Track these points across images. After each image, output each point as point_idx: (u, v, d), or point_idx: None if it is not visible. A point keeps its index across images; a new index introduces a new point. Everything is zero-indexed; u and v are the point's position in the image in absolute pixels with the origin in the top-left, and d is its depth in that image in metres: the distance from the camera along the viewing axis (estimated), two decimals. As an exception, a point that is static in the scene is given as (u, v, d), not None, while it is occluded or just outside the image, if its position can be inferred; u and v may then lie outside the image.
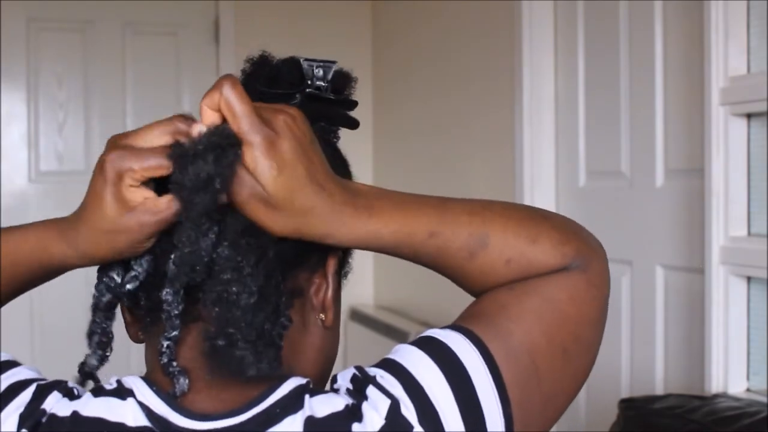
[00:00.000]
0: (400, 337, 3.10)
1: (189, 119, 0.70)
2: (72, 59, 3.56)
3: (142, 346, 0.79)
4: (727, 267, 1.87)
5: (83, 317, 0.76)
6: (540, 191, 2.59)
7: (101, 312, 0.73)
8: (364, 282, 3.70)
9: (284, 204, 0.68)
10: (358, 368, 0.72)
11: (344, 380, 0.71)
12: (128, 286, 0.72)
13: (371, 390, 0.69)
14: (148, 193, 0.68)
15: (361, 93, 0.80)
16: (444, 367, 0.70)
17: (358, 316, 3.57)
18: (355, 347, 3.53)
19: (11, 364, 0.73)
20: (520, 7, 2.57)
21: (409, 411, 0.67)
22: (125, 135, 0.70)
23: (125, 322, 0.77)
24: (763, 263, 1.77)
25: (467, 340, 0.71)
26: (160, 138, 0.68)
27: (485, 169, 2.85)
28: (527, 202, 2.57)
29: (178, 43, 3.65)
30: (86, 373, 0.75)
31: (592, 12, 2.44)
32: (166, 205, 0.68)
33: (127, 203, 0.68)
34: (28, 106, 3.53)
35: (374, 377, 0.70)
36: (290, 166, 0.68)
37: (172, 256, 0.69)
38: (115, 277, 0.73)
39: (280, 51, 0.80)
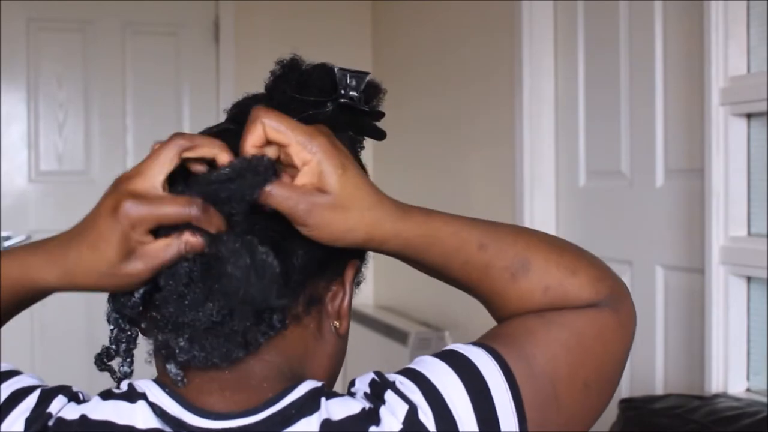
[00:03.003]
0: (400, 337, 3.09)
1: (189, 134, 0.70)
2: (72, 59, 3.56)
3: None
4: (727, 267, 1.87)
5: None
6: (540, 191, 2.59)
7: (125, 319, 0.74)
8: (364, 282, 3.69)
9: (353, 200, 0.69)
10: (378, 373, 0.72)
11: (362, 384, 0.72)
12: (131, 310, 0.73)
13: (389, 395, 0.69)
14: (149, 238, 0.68)
15: (361, 93, 0.79)
16: (464, 378, 0.70)
17: (358, 316, 3.57)
18: (355, 347, 3.50)
19: (12, 374, 0.72)
20: (520, 7, 2.57)
21: (426, 417, 0.68)
22: (130, 177, 0.68)
23: None
24: (763, 263, 1.77)
25: (490, 356, 0.72)
26: (164, 166, 0.68)
27: (485, 169, 2.85)
28: (527, 202, 2.57)
29: (178, 43, 3.65)
30: (104, 364, 0.75)
31: (592, 12, 2.43)
32: (164, 249, 0.68)
33: (132, 251, 0.68)
34: (28, 106, 3.52)
35: (393, 383, 0.70)
36: (351, 163, 0.70)
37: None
38: (123, 300, 0.73)
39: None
